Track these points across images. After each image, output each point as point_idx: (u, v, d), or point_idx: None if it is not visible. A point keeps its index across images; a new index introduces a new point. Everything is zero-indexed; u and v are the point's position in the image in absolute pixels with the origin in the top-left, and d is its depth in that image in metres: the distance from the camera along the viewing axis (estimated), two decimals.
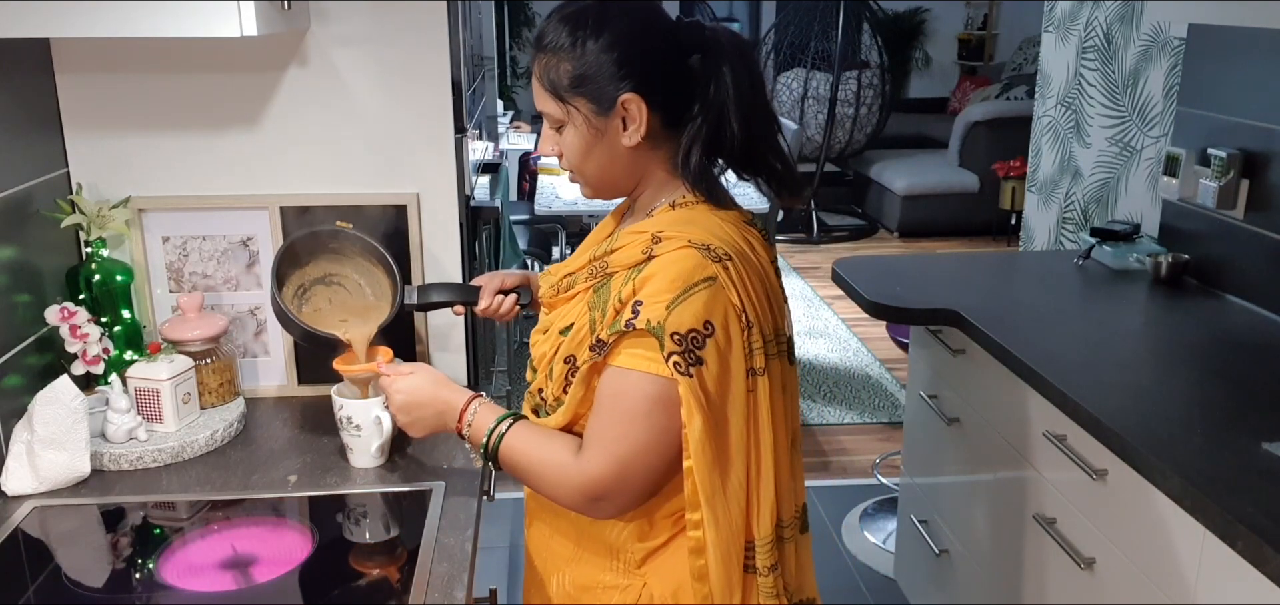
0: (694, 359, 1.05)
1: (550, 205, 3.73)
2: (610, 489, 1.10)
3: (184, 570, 1.20)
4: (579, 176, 1.20)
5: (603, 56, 1.10)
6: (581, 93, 1.12)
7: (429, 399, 1.24)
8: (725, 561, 1.11)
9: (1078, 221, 2.86)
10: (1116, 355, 1.88)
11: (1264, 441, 1.47)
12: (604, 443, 1.10)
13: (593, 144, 1.15)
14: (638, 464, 1.09)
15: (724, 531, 1.10)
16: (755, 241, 1.17)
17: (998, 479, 2.01)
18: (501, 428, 1.17)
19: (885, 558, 2.92)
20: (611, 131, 1.14)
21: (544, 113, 1.16)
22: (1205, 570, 1.38)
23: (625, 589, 1.19)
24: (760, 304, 1.11)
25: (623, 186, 1.20)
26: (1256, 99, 2.08)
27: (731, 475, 1.10)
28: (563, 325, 1.17)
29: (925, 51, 8.47)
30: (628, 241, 1.14)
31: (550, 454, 1.14)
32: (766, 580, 1.14)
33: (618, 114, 1.12)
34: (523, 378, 1.30)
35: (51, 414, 1.34)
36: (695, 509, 1.09)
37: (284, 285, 1.43)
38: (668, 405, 1.07)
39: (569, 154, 1.17)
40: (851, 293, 2.25)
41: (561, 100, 1.14)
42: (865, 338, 4.70)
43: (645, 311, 1.06)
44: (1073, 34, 2.87)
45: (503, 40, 6.72)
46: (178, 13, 1.24)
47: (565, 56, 1.12)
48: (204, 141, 1.59)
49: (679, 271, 1.07)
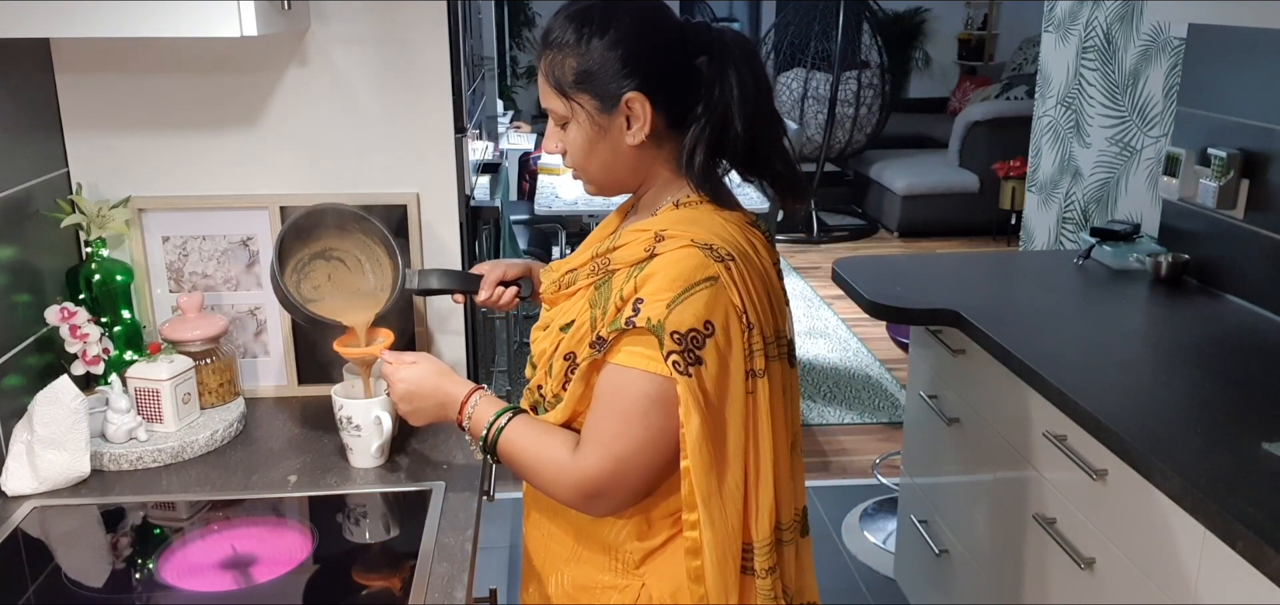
0: (693, 359, 1.05)
1: (550, 205, 3.73)
2: (606, 487, 1.10)
3: (184, 570, 1.20)
4: (582, 174, 1.20)
5: (608, 54, 1.11)
6: (585, 90, 1.12)
7: (431, 389, 1.24)
8: (721, 563, 1.11)
9: (1078, 221, 2.86)
10: (1116, 355, 1.88)
11: (1264, 441, 1.47)
12: (601, 440, 1.10)
13: (596, 141, 1.15)
14: (634, 462, 1.09)
15: (720, 532, 1.10)
16: (758, 243, 1.17)
17: (998, 479, 2.01)
18: (501, 421, 1.17)
19: (885, 558, 2.92)
20: (615, 129, 1.14)
21: (548, 109, 1.17)
22: (1205, 570, 1.38)
23: (623, 589, 1.18)
24: (762, 305, 1.11)
25: (626, 185, 1.20)
26: (1256, 99, 2.08)
27: (728, 476, 1.10)
28: (563, 322, 1.17)
29: (925, 51, 8.47)
30: (630, 239, 1.14)
31: (548, 450, 1.14)
32: (764, 583, 1.14)
33: (621, 112, 1.12)
34: (522, 377, 1.30)
35: (51, 414, 1.34)
36: (692, 509, 1.09)
37: (286, 263, 1.42)
38: (666, 404, 1.07)
39: (573, 151, 1.17)
40: (851, 293, 2.25)
41: (566, 97, 1.14)
42: (865, 338, 4.70)
43: (646, 309, 1.06)
44: (1073, 34, 2.87)
45: (503, 40, 6.73)
46: (178, 13, 1.24)
47: (570, 53, 1.12)
48: (204, 141, 1.59)
49: (681, 270, 1.06)
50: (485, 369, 1.92)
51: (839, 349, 4.59)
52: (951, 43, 8.39)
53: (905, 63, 8.39)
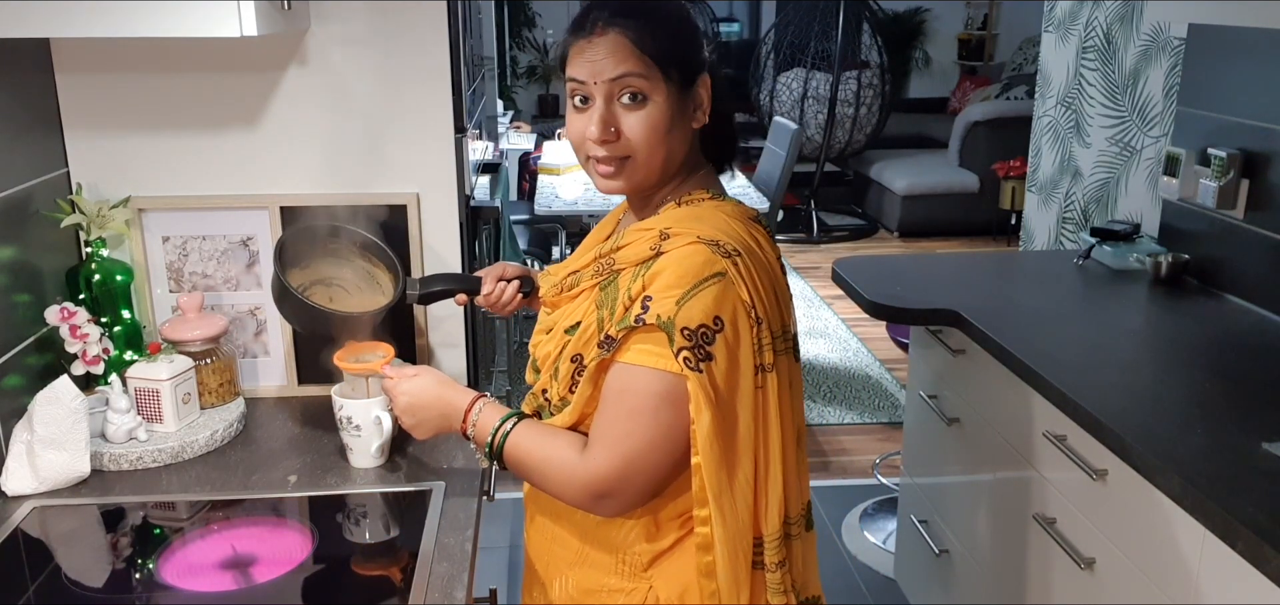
0: (704, 354, 1.05)
1: (550, 205, 3.72)
2: (615, 486, 1.10)
3: (184, 570, 1.20)
4: (645, 156, 1.11)
5: (690, 32, 1.12)
6: (676, 64, 1.09)
7: (434, 400, 1.24)
8: (732, 558, 1.10)
9: (1078, 221, 2.86)
10: (1116, 355, 1.88)
11: (1264, 441, 1.47)
12: (610, 440, 1.09)
13: (675, 120, 1.11)
14: (643, 461, 1.09)
15: (731, 528, 1.10)
16: (762, 238, 1.17)
17: (998, 479, 2.01)
18: (506, 426, 1.17)
19: (885, 558, 2.92)
20: (687, 111, 1.13)
21: (622, 81, 1.08)
22: (1205, 570, 1.38)
23: (630, 592, 1.18)
24: (768, 300, 1.11)
25: (670, 175, 1.16)
26: (1256, 99, 2.08)
27: (739, 472, 1.10)
28: (568, 324, 1.17)
29: (925, 51, 8.47)
30: (635, 238, 1.13)
31: (555, 452, 1.13)
32: (774, 576, 1.14)
33: (696, 94, 1.13)
34: (523, 378, 1.30)
35: (51, 414, 1.34)
36: (702, 505, 1.09)
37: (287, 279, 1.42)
38: (676, 401, 1.07)
39: (647, 129, 1.09)
40: (851, 293, 2.25)
41: (660, 67, 1.08)
42: (865, 338, 4.70)
43: (655, 307, 1.05)
44: (1073, 34, 2.87)
45: (503, 40, 6.72)
46: (178, 13, 1.24)
47: (659, 25, 1.09)
48: (204, 141, 1.59)
49: (689, 267, 1.06)
50: (485, 369, 1.92)
51: (839, 349, 4.59)
52: (951, 43, 8.39)
53: (905, 63, 8.39)
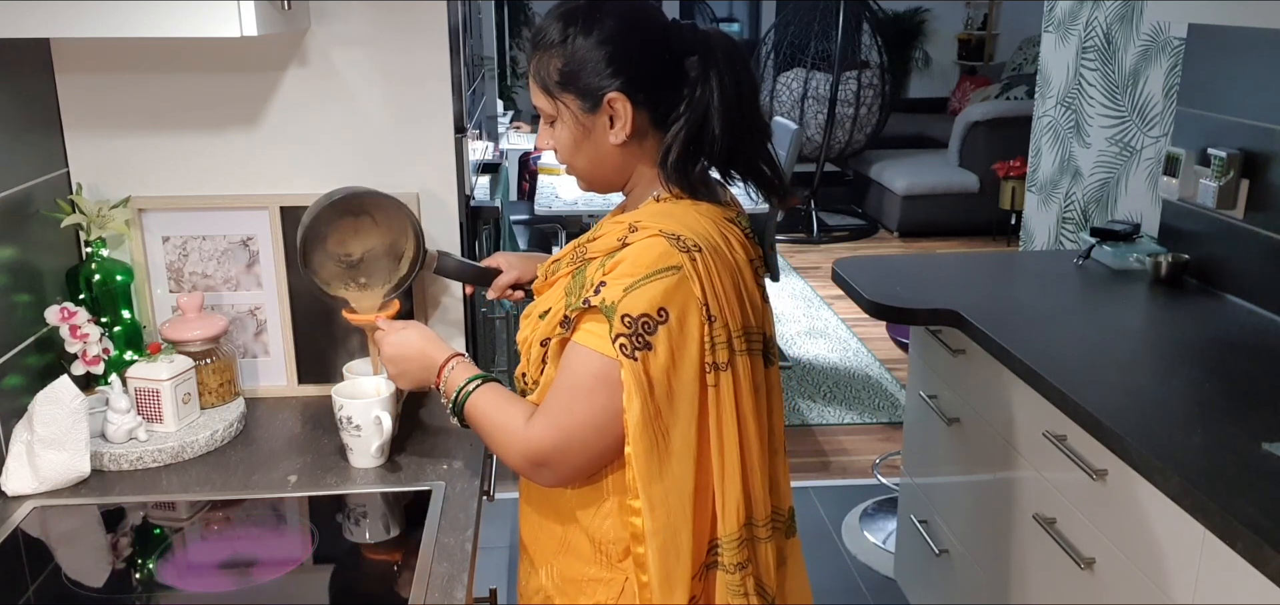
0: (641, 343, 1.07)
1: (550, 205, 3.72)
2: (551, 457, 1.13)
3: (184, 570, 1.20)
4: (571, 171, 1.23)
5: (591, 54, 1.13)
6: (569, 89, 1.16)
7: (417, 354, 1.29)
8: (663, 553, 1.11)
9: (1078, 221, 2.86)
10: (1116, 355, 1.88)
11: (1264, 441, 1.47)
12: (551, 412, 1.13)
13: (581, 140, 1.18)
14: (579, 437, 1.12)
15: (661, 521, 1.10)
16: (734, 238, 1.17)
17: (998, 479, 2.01)
18: (470, 387, 1.21)
19: (885, 558, 2.92)
20: (598, 128, 1.17)
21: (537, 108, 1.20)
22: (1205, 570, 1.38)
23: (609, 583, 1.19)
24: (727, 298, 1.12)
25: (613, 182, 1.23)
26: (1256, 99, 2.08)
27: (671, 465, 1.10)
28: (542, 309, 1.21)
29: (925, 51, 8.47)
30: (608, 230, 1.17)
31: (505, 417, 1.17)
32: (733, 578, 1.15)
33: (604, 111, 1.15)
34: None
35: (51, 414, 1.34)
36: (635, 495, 1.10)
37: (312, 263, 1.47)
38: (611, 385, 1.09)
39: (560, 149, 1.21)
40: (851, 293, 2.25)
41: (551, 96, 1.17)
42: (865, 338, 4.70)
43: (604, 291, 1.09)
44: (1073, 34, 2.87)
45: (503, 40, 6.72)
46: (178, 13, 1.24)
47: (556, 53, 1.15)
48: (204, 141, 1.59)
49: (645, 258, 1.09)
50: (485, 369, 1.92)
51: (839, 349, 4.59)
52: (951, 43, 8.39)
53: (905, 63, 8.39)
